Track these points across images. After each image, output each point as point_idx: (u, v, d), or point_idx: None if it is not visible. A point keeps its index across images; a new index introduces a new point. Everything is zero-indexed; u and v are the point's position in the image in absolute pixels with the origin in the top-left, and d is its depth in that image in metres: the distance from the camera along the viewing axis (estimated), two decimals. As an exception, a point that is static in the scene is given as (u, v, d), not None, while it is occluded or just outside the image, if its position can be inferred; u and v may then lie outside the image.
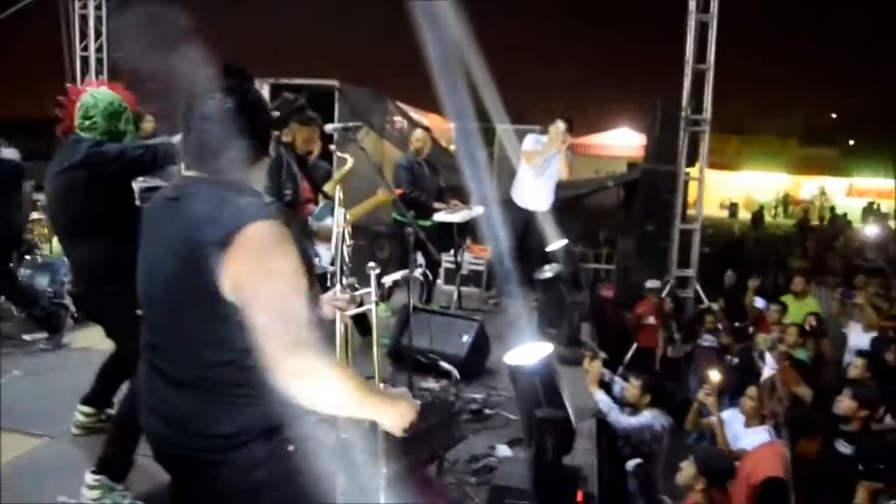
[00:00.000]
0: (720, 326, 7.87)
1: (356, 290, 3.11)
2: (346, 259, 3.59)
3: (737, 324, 8.16)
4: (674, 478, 4.38)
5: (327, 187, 4.46)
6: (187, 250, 1.63)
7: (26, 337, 5.43)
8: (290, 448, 1.70)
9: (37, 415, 4.11)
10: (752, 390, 5.28)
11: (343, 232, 3.63)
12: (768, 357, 5.85)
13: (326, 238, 4.18)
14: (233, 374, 1.66)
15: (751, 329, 7.83)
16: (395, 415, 1.72)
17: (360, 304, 3.24)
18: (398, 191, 6.01)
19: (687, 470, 4.21)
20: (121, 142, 3.34)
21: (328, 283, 3.87)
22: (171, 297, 1.71)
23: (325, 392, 1.56)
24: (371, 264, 3.19)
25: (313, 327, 1.58)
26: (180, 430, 1.74)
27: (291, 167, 4.04)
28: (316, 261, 4.25)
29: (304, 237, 4.20)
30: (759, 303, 8.24)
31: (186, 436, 1.73)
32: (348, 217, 3.82)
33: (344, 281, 3.33)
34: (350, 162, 4.41)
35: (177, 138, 3.93)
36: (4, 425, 3.97)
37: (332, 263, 3.91)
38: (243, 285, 1.57)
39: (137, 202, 3.39)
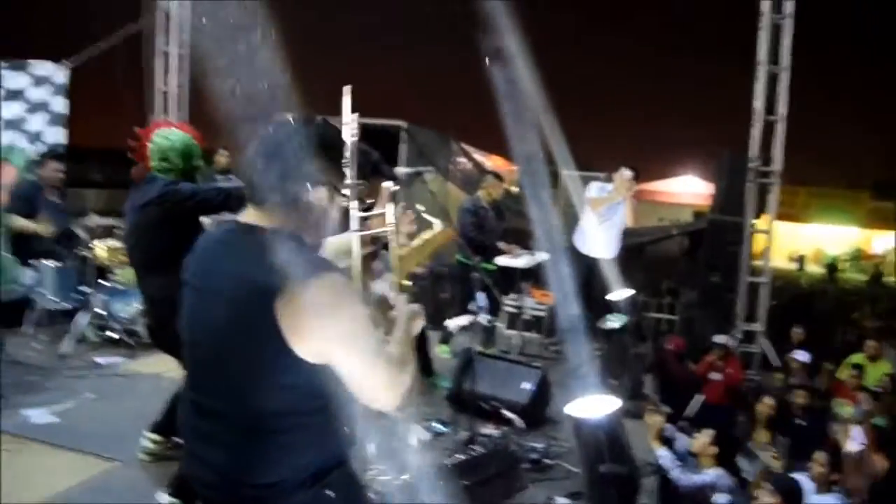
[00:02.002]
0: (791, 383, 7.57)
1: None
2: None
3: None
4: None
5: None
6: (248, 299, 1.61)
7: (100, 360, 5.60)
8: (330, 494, 1.71)
9: (107, 438, 4.23)
10: (820, 455, 5.07)
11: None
12: (856, 430, 5.57)
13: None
14: (283, 423, 1.67)
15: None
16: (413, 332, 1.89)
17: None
18: (452, 233, 6.02)
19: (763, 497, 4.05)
20: (194, 178, 3.49)
21: None
22: (226, 344, 1.68)
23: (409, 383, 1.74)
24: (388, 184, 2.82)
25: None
26: (225, 476, 1.73)
27: None
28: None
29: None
30: (802, 356, 7.95)
31: (231, 483, 1.72)
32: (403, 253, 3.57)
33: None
34: (438, 226, 3.40)
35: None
36: (75, 447, 4.11)
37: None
38: (324, 337, 1.60)
39: None
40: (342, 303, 1.62)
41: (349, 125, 2.45)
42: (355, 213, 2.31)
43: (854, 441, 5.40)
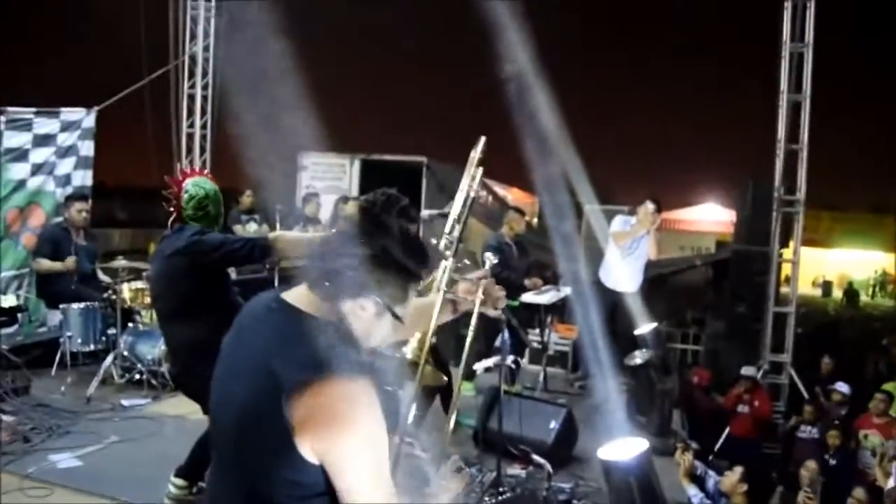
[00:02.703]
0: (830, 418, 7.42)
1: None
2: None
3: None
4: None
5: (425, 283, 4.39)
6: (265, 383, 1.53)
7: (124, 402, 5.62)
8: None
9: (130, 482, 4.21)
10: (859, 492, 4.95)
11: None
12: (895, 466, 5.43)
13: None
14: None
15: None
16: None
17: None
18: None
19: None
20: (225, 225, 3.56)
21: None
22: (239, 425, 1.62)
23: None
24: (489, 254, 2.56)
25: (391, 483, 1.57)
26: None
27: None
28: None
29: None
30: (843, 388, 7.80)
31: None
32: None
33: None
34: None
35: (273, 234, 4.11)
36: (98, 491, 4.11)
37: None
38: (323, 442, 1.50)
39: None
40: (351, 412, 1.50)
41: (472, 178, 2.38)
42: (446, 272, 2.20)
43: (894, 477, 5.27)
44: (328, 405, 1.48)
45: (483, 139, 2.42)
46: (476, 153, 2.43)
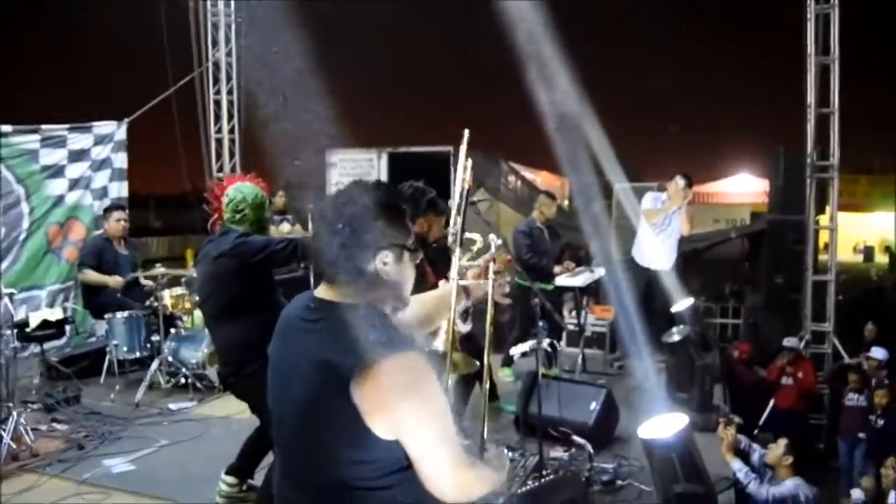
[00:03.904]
0: (873, 382, 7.29)
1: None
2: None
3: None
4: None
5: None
6: (326, 376, 1.62)
7: (172, 406, 5.76)
8: None
9: (182, 483, 4.34)
10: (892, 461, 4.90)
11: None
12: None
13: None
14: (363, 497, 1.68)
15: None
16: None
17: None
18: (508, 258, 6.03)
19: None
20: (265, 229, 3.63)
21: None
22: (306, 422, 1.71)
23: (478, 495, 1.74)
24: (492, 236, 2.64)
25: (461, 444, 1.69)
26: None
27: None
28: None
29: None
30: (878, 353, 7.66)
31: None
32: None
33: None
34: (479, 242, 4.00)
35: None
36: (153, 493, 4.23)
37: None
38: (395, 417, 1.61)
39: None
40: (414, 383, 1.62)
41: (464, 169, 2.46)
42: (455, 262, 2.29)
43: None
44: (391, 382, 1.58)
45: (467, 132, 2.48)
46: (463, 146, 2.49)
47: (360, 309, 1.67)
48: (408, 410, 1.61)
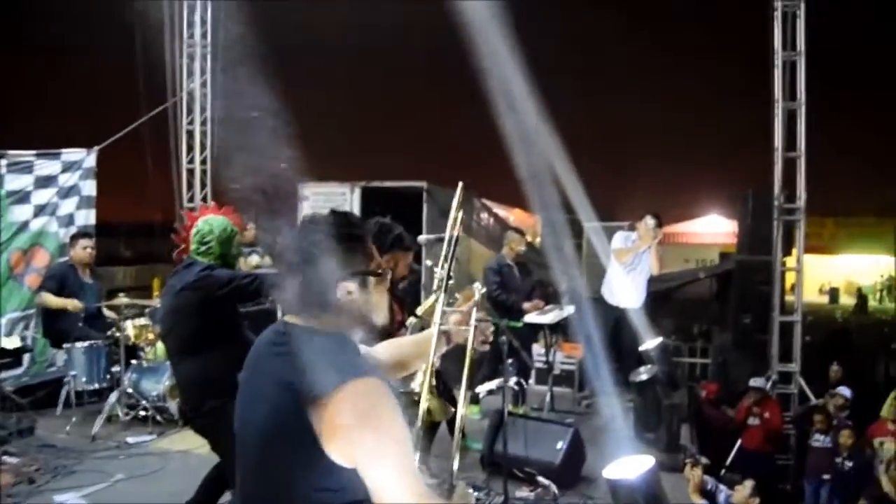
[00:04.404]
0: (835, 423, 7.33)
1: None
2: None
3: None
4: None
5: (424, 308, 4.44)
6: (288, 398, 1.62)
7: (130, 439, 5.61)
8: None
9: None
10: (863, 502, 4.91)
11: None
12: None
13: None
14: None
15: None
16: None
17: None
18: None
19: None
20: (232, 264, 3.57)
21: None
22: (266, 445, 1.70)
23: None
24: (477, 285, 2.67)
25: (420, 474, 1.62)
26: None
27: None
28: None
29: None
30: (845, 391, 7.73)
31: None
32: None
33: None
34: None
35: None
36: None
37: None
38: (350, 443, 1.57)
39: None
40: (372, 410, 1.59)
41: (454, 221, 2.53)
42: (440, 307, 2.30)
43: None
44: (350, 407, 1.56)
45: (461, 184, 2.57)
46: (457, 199, 2.56)
47: (327, 334, 1.68)
48: (363, 437, 1.57)
